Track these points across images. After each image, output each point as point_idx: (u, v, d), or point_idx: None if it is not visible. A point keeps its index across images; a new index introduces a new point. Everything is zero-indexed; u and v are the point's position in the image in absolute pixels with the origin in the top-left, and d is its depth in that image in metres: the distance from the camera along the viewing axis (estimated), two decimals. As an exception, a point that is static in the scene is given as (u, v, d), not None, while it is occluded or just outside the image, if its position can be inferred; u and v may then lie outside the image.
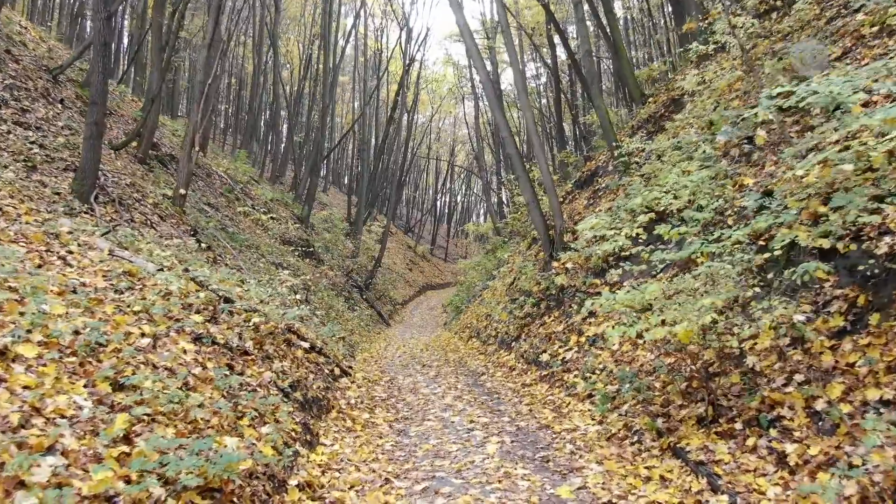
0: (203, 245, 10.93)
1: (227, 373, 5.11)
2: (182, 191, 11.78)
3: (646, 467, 4.68)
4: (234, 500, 3.63)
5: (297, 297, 7.83)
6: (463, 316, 18.41)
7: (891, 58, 5.07)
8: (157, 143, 15.88)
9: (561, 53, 23.48)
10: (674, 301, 4.71)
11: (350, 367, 9.37)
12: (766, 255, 4.92)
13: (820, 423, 3.98)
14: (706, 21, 8.30)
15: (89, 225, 8.14)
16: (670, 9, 23.65)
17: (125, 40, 28.35)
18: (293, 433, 5.06)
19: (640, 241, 5.46)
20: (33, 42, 15.04)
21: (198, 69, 12.21)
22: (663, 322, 4.45)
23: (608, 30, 16.27)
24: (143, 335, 4.95)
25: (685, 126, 8.95)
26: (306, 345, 7.18)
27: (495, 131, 35.74)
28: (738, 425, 4.51)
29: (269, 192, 22.50)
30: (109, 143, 12.95)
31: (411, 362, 12.00)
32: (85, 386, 3.78)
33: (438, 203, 57.83)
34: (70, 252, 6.56)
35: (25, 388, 3.41)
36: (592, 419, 6.13)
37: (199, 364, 4.94)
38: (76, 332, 4.26)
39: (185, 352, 5.05)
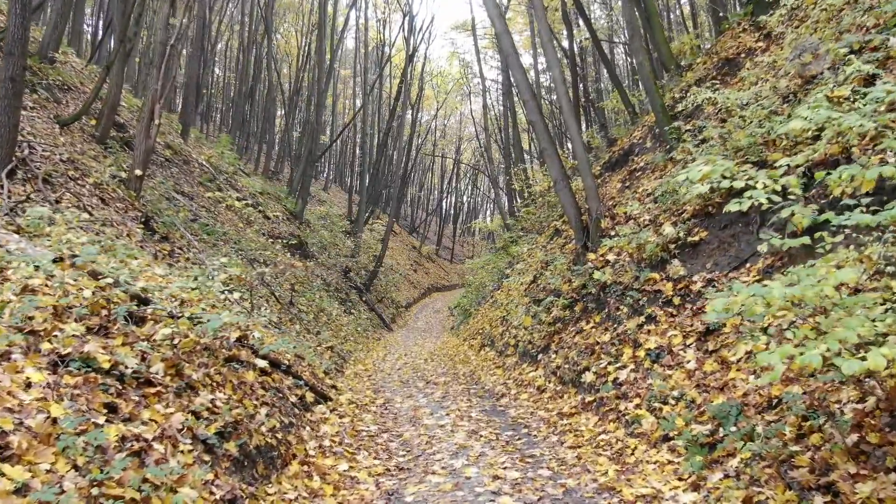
0: (157, 235, 8.97)
1: (100, 420, 3.11)
2: (138, 171, 9.80)
3: None
4: None
5: (237, 295, 5.83)
6: (472, 320, 16.36)
7: None
8: (123, 123, 13.94)
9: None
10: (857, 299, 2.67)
11: (333, 387, 7.35)
12: None
13: None
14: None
15: (-12, 203, 6.23)
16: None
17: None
18: (206, 522, 3.04)
19: (789, 195, 3.46)
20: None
21: (158, 28, 10.25)
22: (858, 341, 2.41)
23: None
24: (-50, 359, 2.96)
25: (765, 76, 6.91)
26: (263, 363, 5.17)
27: (504, 127, 33.57)
28: None
29: (260, 184, 20.54)
30: (57, 117, 11.03)
31: (413, 377, 9.97)
32: None
33: (444, 203, 55.75)
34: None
35: None
36: (680, 479, 4.08)
37: (44, 408, 2.94)
38: None
39: (28, 386, 3.05)
